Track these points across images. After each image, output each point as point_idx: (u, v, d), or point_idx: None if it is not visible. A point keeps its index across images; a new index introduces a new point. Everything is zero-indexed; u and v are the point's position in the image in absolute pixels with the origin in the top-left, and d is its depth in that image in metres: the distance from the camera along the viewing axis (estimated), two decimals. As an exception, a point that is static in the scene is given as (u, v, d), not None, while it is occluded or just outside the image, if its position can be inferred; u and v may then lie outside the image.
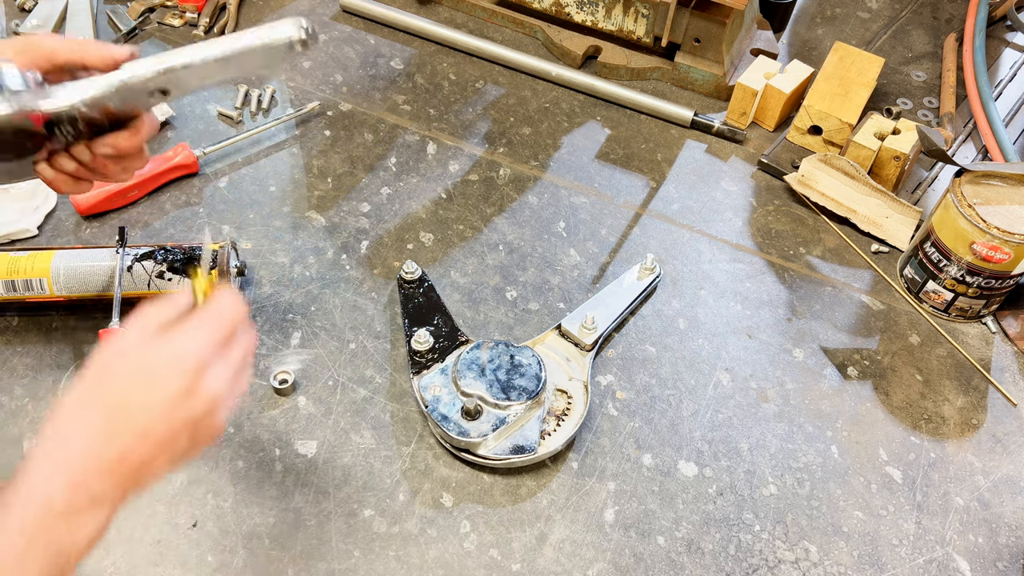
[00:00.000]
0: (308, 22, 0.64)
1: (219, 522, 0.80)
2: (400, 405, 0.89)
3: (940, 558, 0.84)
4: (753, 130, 1.22)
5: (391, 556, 0.79)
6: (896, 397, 0.95)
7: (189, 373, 0.59)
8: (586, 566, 0.80)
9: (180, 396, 0.58)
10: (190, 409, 0.59)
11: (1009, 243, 0.92)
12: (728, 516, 0.85)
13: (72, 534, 0.55)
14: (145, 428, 0.57)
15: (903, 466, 0.90)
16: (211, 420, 0.61)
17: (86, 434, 0.57)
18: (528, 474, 0.86)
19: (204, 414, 0.60)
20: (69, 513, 0.55)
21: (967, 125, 1.24)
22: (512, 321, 0.98)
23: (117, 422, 0.57)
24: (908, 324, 1.02)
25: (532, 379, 0.85)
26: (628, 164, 1.16)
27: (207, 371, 0.60)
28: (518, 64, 1.25)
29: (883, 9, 1.44)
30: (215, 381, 0.60)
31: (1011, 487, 0.89)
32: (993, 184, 0.97)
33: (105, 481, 0.56)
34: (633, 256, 1.05)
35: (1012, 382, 0.98)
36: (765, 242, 1.09)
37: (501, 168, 1.13)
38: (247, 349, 0.64)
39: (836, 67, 1.19)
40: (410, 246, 1.04)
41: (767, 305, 1.02)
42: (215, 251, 0.92)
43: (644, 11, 1.22)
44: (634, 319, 0.99)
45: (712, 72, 1.23)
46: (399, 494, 0.83)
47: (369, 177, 1.10)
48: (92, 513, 0.56)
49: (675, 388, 0.94)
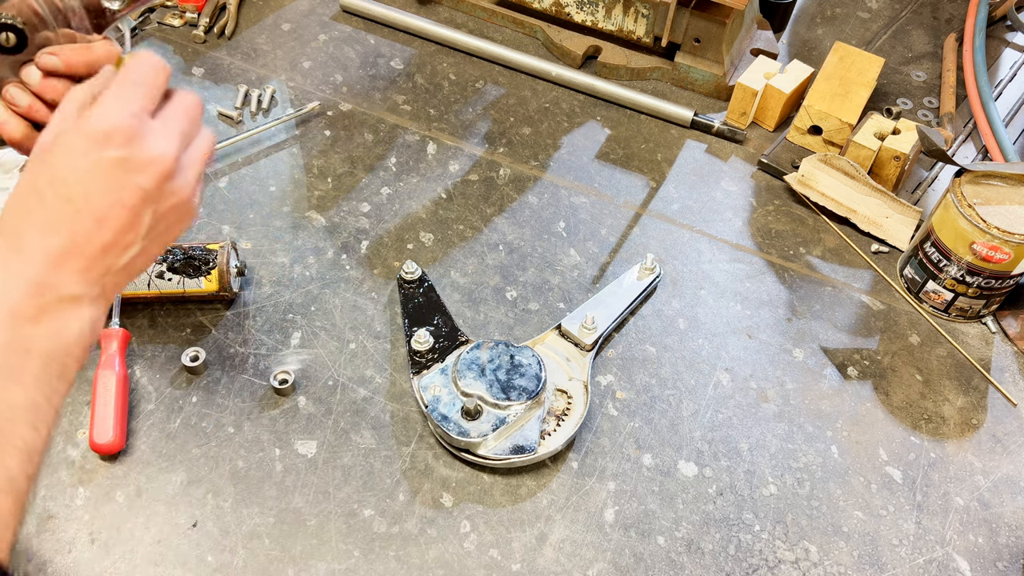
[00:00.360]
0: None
1: (219, 522, 0.80)
2: (400, 405, 0.90)
3: (940, 558, 0.84)
4: (753, 130, 1.22)
5: (391, 556, 0.79)
6: (896, 397, 0.95)
7: (117, 141, 0.54)
8: (586, 566, 0.80)
9: (116, 166, 0.54)
10: (136, 178, 0.55)
11: (1009, 243, 0.92)
12: (728, 516, 0.85)
13: (55, 336, 0.53)
14: (90, 209, 0.54)
15: (903, 466, 0.90)
16: (172, 187, 0.56)
17: (32, 232, 0.53)
18: (528, 474, 0.86)
19: (156, 182, 0.55)
20: (40, 317, 0.52)
21: (967, 125, 1.24)
22: (512, 321, 0.98)
23: (58, 211, 0.54)
24: (908, 324, 1.02)
25: (532, 379, 0.85)
26: (628, 164, 1.16)
27: (141, 135, 0.55)
28: (518, 64, 1.25)
29: (883, 9, 1.44)
30: (156, 143, 0.55)
31: (1011, 487, 0.89)
32: (993, 184, 0.97)
33: (69, 275, 0.54)
34: (633, 256, 1.05)
35: (1012, 382, 0.98)
36: (765, 242, 1.09)
37: (501, 168, 1.13)
38: (187, 106, 0.59)
39: (836, 67, 1.19)
40: (410, 246, 1.04)
41: (767, 305, 1.02)
42: (215, 251, 0.92)
43: (644, 11, 1.22)
44: (634, 319, 1.00)
45: (712, 72, 1.23)
46: (399, 494, 0.83)
47: (369, 177, 1.10)
48: (70, 311, 0.54)
49: (675, 388, 0.94)
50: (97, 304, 0.56)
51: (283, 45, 1.25)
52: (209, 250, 0.92)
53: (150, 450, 0.84)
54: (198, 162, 0.60)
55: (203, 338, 0.93)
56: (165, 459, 0.84)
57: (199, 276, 0.91)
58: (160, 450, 0.84)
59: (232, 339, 0.93)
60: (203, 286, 0.92)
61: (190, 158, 0.59)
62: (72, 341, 0.54)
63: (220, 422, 0.87)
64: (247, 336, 0.93)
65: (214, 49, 1.23)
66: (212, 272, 0.91)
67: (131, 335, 0.91)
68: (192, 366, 0.89)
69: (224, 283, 0.92)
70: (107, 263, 0.55)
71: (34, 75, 0.63)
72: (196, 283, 0.92)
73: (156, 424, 0.86)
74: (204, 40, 1.24)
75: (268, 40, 1.26)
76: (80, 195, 0.54)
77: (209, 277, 0.92)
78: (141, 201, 0.55)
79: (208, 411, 0.87)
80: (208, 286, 0.92)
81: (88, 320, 0.55)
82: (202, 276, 0.91)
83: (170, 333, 0.93)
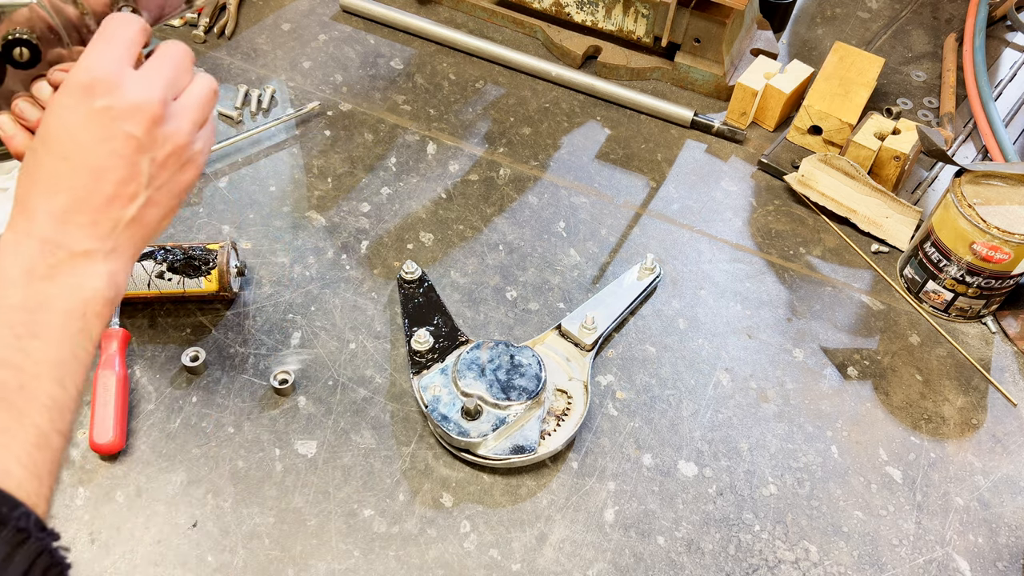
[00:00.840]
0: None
1: (219, 522, 0.80)
2: (400, 405, 0.90)
3: (940, 558, 0.84)
4: (753, 130, 1.22)
5: (391, 556, 0.79)
6: (896, 397, 0.95)
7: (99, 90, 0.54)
8: (586, 566, 0.80)
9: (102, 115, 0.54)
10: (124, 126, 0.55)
11: (1009, 243, 0.92)
12: (728, 516, 0.85)
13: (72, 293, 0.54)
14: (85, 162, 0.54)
15: (903, 466, 0.90)
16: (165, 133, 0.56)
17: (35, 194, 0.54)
18: (528, 474, 0.86)
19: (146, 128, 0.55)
20: (54, 275, 0.53)
21: (967, 125, 1.24)
22: (512, 321, 0.98)
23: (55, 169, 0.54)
24: (908, 324, 1.02)
25: (532, 379, 0.85)
26: (628, 164, 1.16)
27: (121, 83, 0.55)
28: (518, 64, 1.25)
29: (883, 9, 1.44)
30: (138, 89, 0.55)
31: (1011, 487, 0.89)
32: (993, 184, 0.97)
33: (76, 231, 0.54)
34: (633, 256, 1.05)
35: (1012, 382, 0.98)
36: (765, 242, 1.09)
37: (501, 168, 1.13)
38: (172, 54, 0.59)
39: (836, 67, 1.19)
40: (410, 246, 1.04)
41: (767, 305, 1.02)
42: (215, 251, 0.92)
43: (644, 11, 1.22)
44: (634, 319, 1.00)
45: (712, 72, 1.23)
46: (399, 494, 0.83)
47: (369, 177, 1.10)
48: (84, 267, 0.54)
49: (675, 388, 0.94)
50: (112, 259, 0.56)
51: (283, 45, 1.25)
52: (209, 250, 0.92)
53: (150, 450, 0.84)
54: (195, 108, 0.60)
55: (203, 338, 0.93)
56: (165, 459, 0.84)
57: (199, 276, 0.91)
58: (160, 450, 0.84)
59: (232, 339, 0.93)
60: (203, 286, 0.92)
61: (183, 104, 0.59)
62: (90, 297, 0.54)
63: (220, 422, 0.87)
64: (247, 336, 0.93)
65: (214, 49, 1.23)
66: (212, 272, 0.91)
67: (131, 335, 0.91)
68: (192, 366, 0.89)
69: (224, 283, 0.92)
70: (114, 216, 0.56)
71: (45, 91, 0.64)
72: (196, 283, 0.92)
73: (156, 424, 0.86)
74: (204, 40, 1.24)
75: (268, 40, 1.26)
76: (73, 150, 0.55)
77: (209, 277, 0.92)
78: (134, 150, 0.56)
79: (208, 411, 0.87)
80: (208, 286, 0.92)
81: (105, 275, 0.55)
82: (202, 276, 0.91)
83: (170, 333, 0.93)
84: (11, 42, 0.62)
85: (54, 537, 0.48)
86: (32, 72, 0.64)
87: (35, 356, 0.52)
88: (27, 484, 0.49)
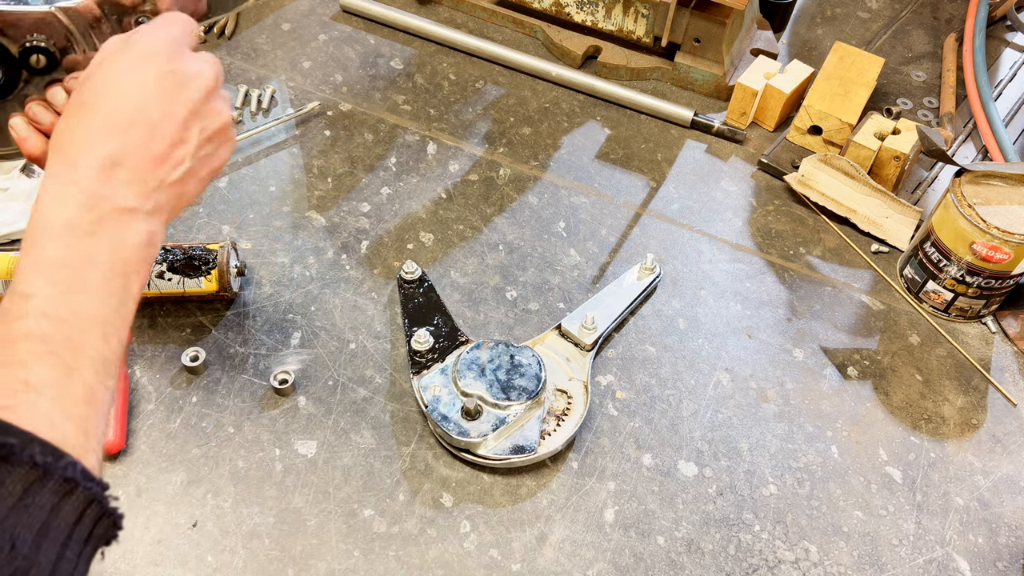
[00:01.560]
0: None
1: (219, 522, 0.80)
2: (400, 405, 0.90)
3: (940, 558, 0.84)
4: (753, 130, 1.22)
5: (391, 556, 0.79)
6: (896, 397, 0.95)
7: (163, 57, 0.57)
8: (586, 566, 0.80)
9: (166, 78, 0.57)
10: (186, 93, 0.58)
11: (1009, 243, 0.92)
12: (728, 516, 0.85)
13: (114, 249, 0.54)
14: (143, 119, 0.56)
15: (903, 466, 0.90)
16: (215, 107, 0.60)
17: (82, 143, 0.55)
18: (528, 474, 0.86)
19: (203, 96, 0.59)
20: (97, 230, 0.54)
21: (967, 125, 1.24)
22: (512, 321, 0.98)
23: (109, 120, 0.55)
24: (908, 324, 1.02)
25: (532, 379, 0.85)
26: (628, 164, 1.16)
27: (182, 55, 0.58)
28: (518, 64, 1.25)
29: (883, 9, 1.44)
30: (197, 62, 0.59)
31: (1011, 487, 0.89)
32: (993, 184, 0.97)
33: (121, 187, 0.55)
34: (633, 256, 1.05)
35: (1012, 382, 0.98)
36: (765, 242, 1.09)
37: (501, 168, 1.13)
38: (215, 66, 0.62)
39: (836, 67, 1.19)
40: (410, 246, 1.04)
41: (767, 305, 1.02)
42: (215, 251, 0.92)
43: (644, 11, 1.22)
44: (634, 319, 1.00)
45: (712, 72, 1.23)
46: (399, 494, 0.83)
47: (369, 177, 1.10)
48: (126, 223, 0.55)
49: (675, 388, 0.94)
50: (153, 219, 0.57)
51: (283, 45, 1.25)
52: (209, 250, 0.92)
53: (150, 450, 0.84)
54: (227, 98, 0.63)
55: (203, 338, 0.93)
56: (165, 459, 0.84)
57: (199, 276, 0.91)
58: (160, 450, 0.84)
59: (232, 339, 0.93)
60: (203, 286, 0.92)
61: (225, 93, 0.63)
62: (131, 254, 0.55)
63: (220, 422, 0.87)
64: (247, 336, 0.93)
65: (214, 49, 1.23)
66: (212, 272, 0.91)
67: (131, 335, 0.91)
68: (192, 366, 0.89)
69: (224, 283, 0.92)
70: (159, 176, 0.57)
71: (59, 96, 0.64)
72: (196, 283, 0.92)
73: (156, 424, 0.86)
74: (204, 40, 1.24)
75: (268, 40, 1.26)
76: (131, 106, 0.56)
77: (209, 277, 0.92)
78: (190, 114, 0.58)
79: (208, 411, 0.87)
80: (208, 286, 0.92)
81: (145, 233, 0.56)
82: (202, 276, 0.91)
83: (170, 333, 0.93)
84: (28, 49, 0.63)
85: (103, 487, 0.48)
86: (47, 78, 0.65)
87: (81, 312, 0.52)
88: (73, 438, 0.49)
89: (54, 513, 0.45)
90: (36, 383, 0.49)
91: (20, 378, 0.49)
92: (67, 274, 0.52)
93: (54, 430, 0.48)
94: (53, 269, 0.52)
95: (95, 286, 0.53)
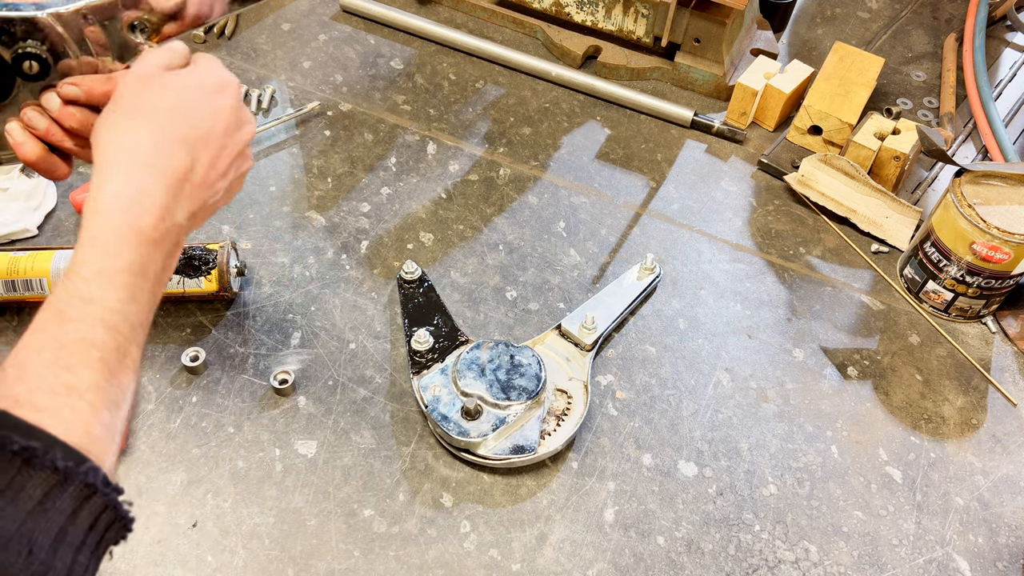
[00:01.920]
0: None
1: (219, 522, 0.80)
2: (400, 405, 0.90)
3: (940, 558, 0.84)
4: (753, 130, 1.22)
5: (391, 556, 0.79)
6: (896, 397, 0.95)
7: (233, 92, 0.61)
8: (586, 566, 0.80)
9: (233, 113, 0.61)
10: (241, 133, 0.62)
11: (1009, 243, 0.92)
12: (728, 516, 0.85)
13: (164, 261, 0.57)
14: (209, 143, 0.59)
15: (903, 466, 0.90)
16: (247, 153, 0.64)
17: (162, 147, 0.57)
18: (528, 474, 0.86)
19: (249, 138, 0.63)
20: (160, 241, 0.56)
21: (967, 125, 1.24)
22: (512, 321, 0.98)
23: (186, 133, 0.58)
24: (908, 324, 1.02)
25: (532, 379, 0.85)
26: (628, 164, 1.16)
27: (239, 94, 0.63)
28: (518, 64, 1.25)
29: (883, 9, 1.44)
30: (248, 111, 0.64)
31: (1011, 487, 0.89)
32: (993, 184, 0.97)
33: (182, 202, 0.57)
34: (633, 256, 1.05)
35: (1012, 382, 0.98)
36: (765, 242, 1.09)
37: (501, 168, 1.13)
38: None
39: (836, 67, 1.19)
40: (410, 246, 1.04)
41: (767, 305, 1.02)
42: (215, 251, 0.92)
43: (644, 11, 1.22)
44: (634, 319, 1.00)
45: (712, 72, 1.23)
46: (399, 494, 0.83)
47: (369, 177, 1.10)
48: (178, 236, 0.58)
49: (675, 388, 0.94)
50: (186, 235, 0.60)
51: (283, 45, 1.25)
52: (209, 250, 0.92)
53: (150, 450, 0.84)
54: None
55: (203, 338, 0.93)
56: (165, 459, 0.84)
57: (199, 276, 0.91)
58: (160, 450, 0.84)
59: (232, 339, 0.93)
60: (203, 286, 0.92)
61: None
62: (171, 265, 0.58)
63: (220, 422, 0.87)
64: (247, 336, 0.93)
65: (214, 49, 1.23)
66: (212, 272, 0.91)
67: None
68: (192, 366, 0.89)
69: (224, 283, 0.92)
70: (204, 198, 0.60)
71: (54, 102, 0.65)
72: (196, 283, 0.92)
73: (156, 424, 0.86)
74: (204, 40, 1.24)
75: (268, 40, 1.26)
76: (207, 127, 0.59)
77: (209, 277, 0.92)
78: (238, 153, 0.62)
79: (208, 411, 0.87)
80: (208, 286, 0.92)
81: (181, 247, 0.59)
82: (202, 276, 0.91)
83: (170, 333, 0.93)
84: (21, 55, 0.63)
85: (119, 492, 0.49)
86: (41, 83, 0.65)
87: (131, 319, 0.54)
88: (101, 442, 0.50)
89: (72, 519, 0.46)
90: (80, 387, 0.50)
91: (65, 382, 0.50)
92: (131, 282, 0.54)
93: (87, 435, 0.49)
94: (121, 277, 0.54)
95: (145, 295, 0.55)
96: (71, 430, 0.48)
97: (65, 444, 0.47)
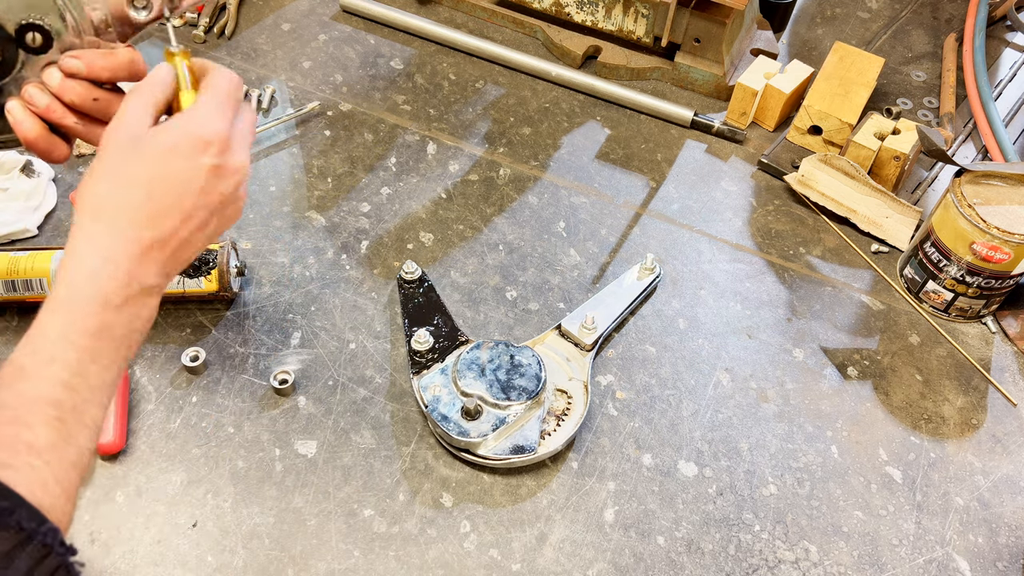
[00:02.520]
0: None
1: (219, 522, 0.80)
2: (400, 405, 0.90)
3: (940, 558, 0.84)
4: (753, 130, 1.22)
5: (391, 556, 0.79)
6: (896, 397, 0.95)
7: (216, 148, 0.59)
8: (586, 566, 0.80)
9: (212, 172, 0.59)
10: (223, 185, 0.60)
11: (1009, 243, 0.92)
12: (728, 516, 0.85)
13: (130, 323, 0.57)
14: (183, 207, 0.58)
15: (903, 466, 0.90)
16: (237, 195, 0.62)
17: (132, 223, 0.57)
18: (528, 474, 0.86)
19: (234, 188, 0.61)
20: (124, 306, 0.56)
21: (967, 125, 1.24)
22: (512, 321, 0.98)
23: (160, 206, 0.57)
24: (908, 324, 1.02)
25: (532, 379, 0.85)
26: (628, 164, 1.16)
27: (231, 146, 0.60)
28: (518, 64, 1.25)
29: (883, 9, 1.44)
30: (238, 155, 0.61)
31: (1011, 487, 0.89)
32: (993, 184, 0.97)
33: (152, 267, 0.57)
34: (633, 256, 1.05)
35: (1012, 382, 0.98)
36: (765, 242, 1.09)
37: (501, 168, 1.13)
38: (250, 120, 0.64)
39: (836, 67, 1.19)
40: (410, 246, 1.04)
41: (767, 305, 1.02)
42: (215, 251, 0.92)
43: (644, 11, 1.22)
44: (634, 319, 1.00)
45: (712, 72, 1.23)
46: (399, 494, 0.83)
47: (369, 177, 1.10)
48: (146, 301, 0.58)
49: (675, 388, 0.94)
50: (161, 292, 0.60)
51: (283, 45, 1.25)
52: (209, 250, 0.92)
53: (150, 450, 0.84)
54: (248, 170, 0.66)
55: (203, 338, 0.93)
56: (165, 459, 0.84)
57: (199, 276, 0.91)
58: (160, 450, 0.84)
59: (232, 339, 0.93)
60: (203, 286, 0.92)
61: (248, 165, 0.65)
62: (141, 327, 0.58)
63: (220, 422, 0.87)
64: (247, 336, 0.93)
65: (214, 49, 1.23)
66: (212, 272, 0.91)
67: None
68: (192, 366, 0.89)
69: (224, 283, 0.92)
70: (181, 257, 0.60)
71: (55, 77, 0.64)
72: (196, 283, 0.92)
73: (156, 424, 0.86)
74: (204, 40, 1.24)
75: (268, 40, 1.26)
76: (176, 193, 0.58)
77: (209, 277, 0.92)
78: (220, 204, 0.61)
79: (208, 411, 0.87)
80: (208, 286, 0.92)
81: (154, 307, 0.59)
82: (202, 276, 0.91)
83: (170, 333, 0.93)
84: (24, 27, 0.63)
85: (72, 553, 0.51)
86: (44, 58, 0.65)
87: (91, 380, 0.55)
88: (59, 503, 0.51)
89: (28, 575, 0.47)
90: (39, 447, 0.51)
91: (25, 440, 0.51)
92: (89, 344, 0.55)
93: (45, 494, 0.50)
94: (83, 339, 0.54)
95: (107, 356, 0.56)
96: (32, 491, 0.49)
97: (29, 505, 0.48)
